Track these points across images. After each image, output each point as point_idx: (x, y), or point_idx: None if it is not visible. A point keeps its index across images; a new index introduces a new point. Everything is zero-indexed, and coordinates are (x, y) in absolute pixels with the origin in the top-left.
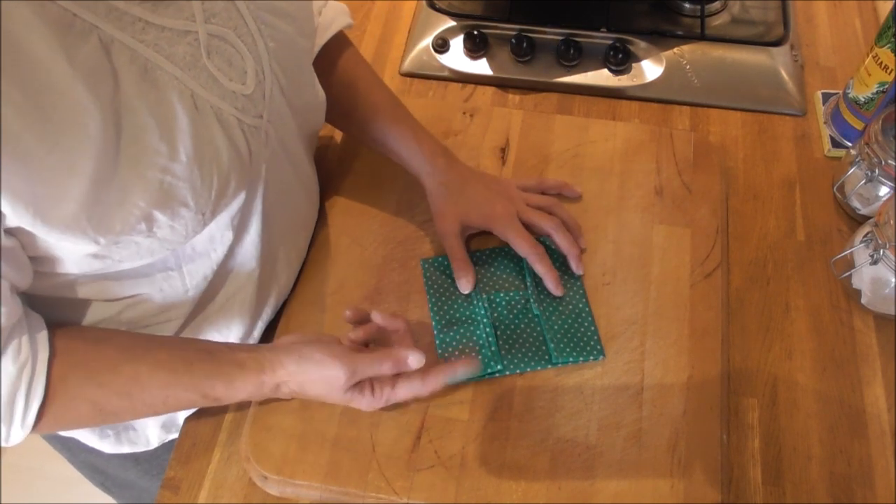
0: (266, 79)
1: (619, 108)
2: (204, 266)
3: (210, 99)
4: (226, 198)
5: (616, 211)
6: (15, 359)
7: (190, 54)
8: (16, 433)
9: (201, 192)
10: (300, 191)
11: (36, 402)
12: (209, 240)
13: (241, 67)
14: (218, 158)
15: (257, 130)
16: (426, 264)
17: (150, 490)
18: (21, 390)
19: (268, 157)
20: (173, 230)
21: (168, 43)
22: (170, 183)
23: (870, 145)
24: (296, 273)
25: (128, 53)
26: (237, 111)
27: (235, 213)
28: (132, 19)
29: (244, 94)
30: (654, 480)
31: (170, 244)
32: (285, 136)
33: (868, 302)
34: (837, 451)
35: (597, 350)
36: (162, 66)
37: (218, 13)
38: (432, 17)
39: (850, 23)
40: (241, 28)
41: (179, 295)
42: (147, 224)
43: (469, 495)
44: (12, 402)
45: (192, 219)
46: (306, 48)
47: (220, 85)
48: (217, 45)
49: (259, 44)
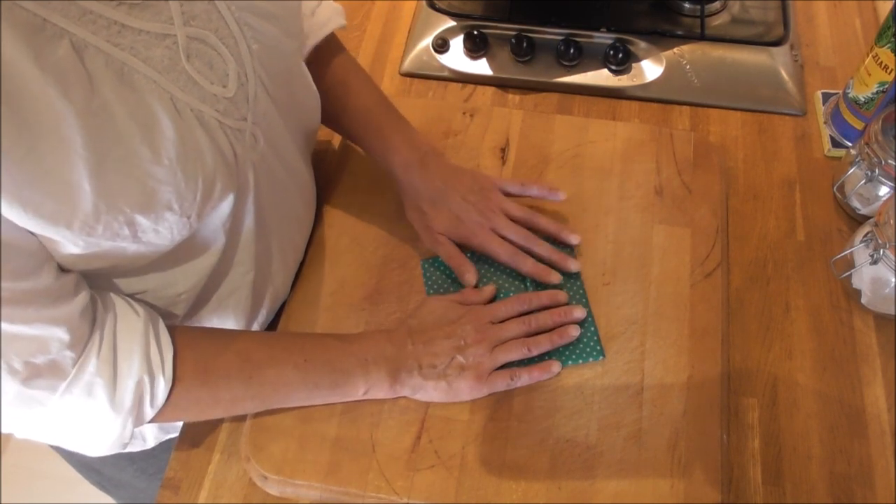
0: (249, 81)
1: (619, 108)
2: (197, 268)
3: (190, 102)
4: (212, 200)
5: (616, 211)
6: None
7: (168, 57)
8: (160, 389)
9: (185, 196)
10: (295, 192)
11: (169, 352)
12: (201, 243)
13: (222, 70)
14: (202, 161)
15: (241, 133)
16: (426, 264)
17: (147, 490)
18: (152, 342)
19: (257, 159)
20: (158, 234)
21: (145, 46)
22: (153, 187)
23: (870, 145)
24: (293, 274)
25: (102, 57)
26: (218, 114)
27: (227, 215)
28: (107, 23)
29: (226, 97)
30: (654, 480)
31: (154, 248)
32: (274, 138)
33: (868, 302)
34: (837, 451)
35: (597, 350)
36: (139, 70)
37: (198, 15)
38: (432, 17)
39: (850, 23)
40: (222, 30)
41: (171, 297)
42: (130, 229)
43: (469, 495)
44: (148, 353)
45: (176, 222)
46: (293, 49)
47: (200, 88)
48: (197, 48)
49: (241, 46)
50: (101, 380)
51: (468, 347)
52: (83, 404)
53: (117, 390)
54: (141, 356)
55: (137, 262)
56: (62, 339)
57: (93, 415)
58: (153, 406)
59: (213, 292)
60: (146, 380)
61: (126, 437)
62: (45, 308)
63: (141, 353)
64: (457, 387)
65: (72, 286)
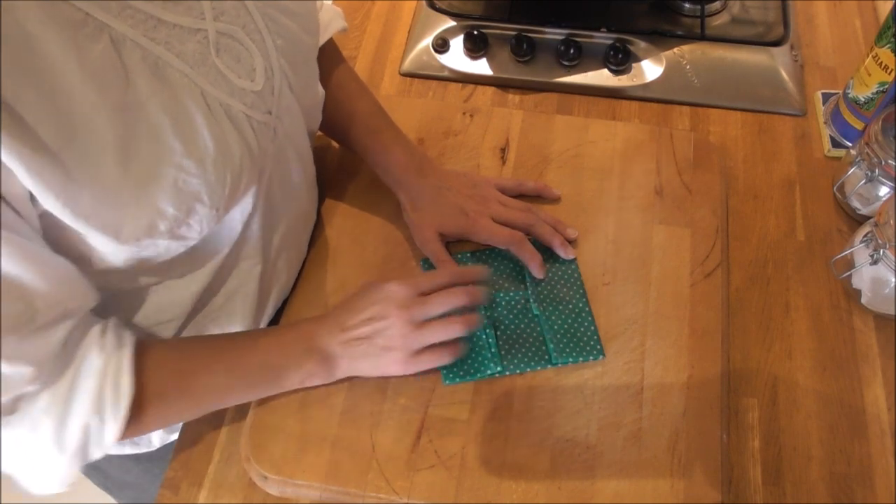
0: (275, 75)
1: (619, 108)
2: (208, 262)
3: (219, 96)
4: (238, 193)
5: (616, 211)
6: (101, 352)
7: (199, 52)
8: (109, 432)
9: (215, 188)
10: (303, 187)
11: (126, 397)
12: (216, 236)
13: (249, 64)
14: (230, 154)
15: (266, 126)
16: (426, 265)
17: (151, 491)
18: (108, 384)
19: (274, 152)
20: (189, 227)
21: (178, 40)
22: (184, 180)
23: (870, 145)
24: (296, 271)
25: (139, 51)
26: (246, 107)
27: (247, 207)
28: (144, 17)
29: (253, 91)
30: (654, 480)
31: (185, 241)
32: (293, 132)
33: (868, 302)
34: (837, 451)
35: (597, 350)
36: (172, 64)
37: (227, 11)
38: (432, 17)
39: (850, 23)
40: (249, 25)
41: (181, 290)
42: (163, 221)
43: (469, 495)
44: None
45: (206, 214)
46: (311, 45)
47: (229, 82)
48: (226, 43)
49: (267, 41)
50: (49, 419)
51: (389, 328)
52: (27, 438)
53: (66, 430)
54: (94, 397)
55: (164, 257)
56: (27, 375)
57: (37, 451)
58: (100, 447)
59: (221, 286)
60: (94, 421)
61: (72, 477)
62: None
63: (95, 393)
64: (384, 366)
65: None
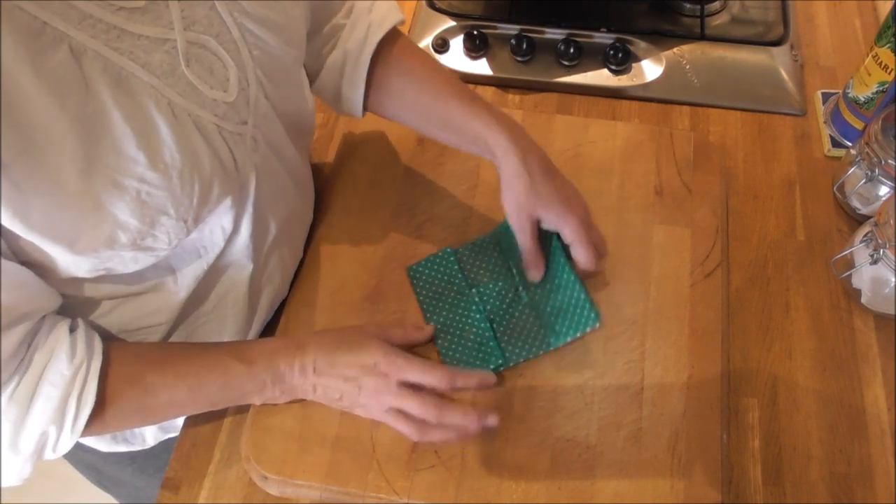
0: (251, 86)
1: (619, 108)
2: (195, 268)
3: (188, 107)
4: (209, 204)
5: (616, 211)
6: (70, 362)
7: (167, 62)
8: (64, 441)
9: (182, 200)
10: (295, 192)
11: (87, 409)
12: (199, 243)
13: (222, 75)
14: (199, 166)
15: (241, 137)
16: (412, 272)
17: (146, 489)
18: (73, 395)
19: (258, 161)
20: (155, 238)
21: (144, 51)
22: (148, 192)
23: (870, 145)
24: (291, 273)
25: (101, 62)
26: (217, 118)
27: (226, 216)
28: (106, 27)
29: (226, 102)
30: (654, 480)
31: (153, 251)
32: (275, 141)
33: (868, 302)
34: (837, 451)
35: (591, 318)
36: (137, 75)
37: (199, 20)
38: (432, 17)
39: (850, 23)
40: (223, 35)
41: (169, 296)
42: (126, 233)
43: (469, 495)
44: (64, 407)
45: (173, 227)
46: (295, 57)
47: (199, 93)
48: (197, 53)
49: (243, 51)
50: (7, 421)
51: (362, 393)
52: None
53: (23, 434)
54: (56, 406)
55: (134, 267)
56: None
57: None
58: (55, 452)
59: (211, 291)
60: (52, 430)
61: (25, 476)
62: None
63: (57, 403)
64: (349, 409)
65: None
